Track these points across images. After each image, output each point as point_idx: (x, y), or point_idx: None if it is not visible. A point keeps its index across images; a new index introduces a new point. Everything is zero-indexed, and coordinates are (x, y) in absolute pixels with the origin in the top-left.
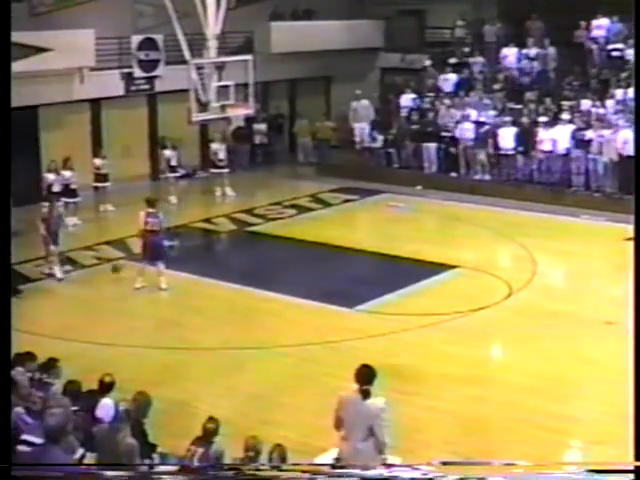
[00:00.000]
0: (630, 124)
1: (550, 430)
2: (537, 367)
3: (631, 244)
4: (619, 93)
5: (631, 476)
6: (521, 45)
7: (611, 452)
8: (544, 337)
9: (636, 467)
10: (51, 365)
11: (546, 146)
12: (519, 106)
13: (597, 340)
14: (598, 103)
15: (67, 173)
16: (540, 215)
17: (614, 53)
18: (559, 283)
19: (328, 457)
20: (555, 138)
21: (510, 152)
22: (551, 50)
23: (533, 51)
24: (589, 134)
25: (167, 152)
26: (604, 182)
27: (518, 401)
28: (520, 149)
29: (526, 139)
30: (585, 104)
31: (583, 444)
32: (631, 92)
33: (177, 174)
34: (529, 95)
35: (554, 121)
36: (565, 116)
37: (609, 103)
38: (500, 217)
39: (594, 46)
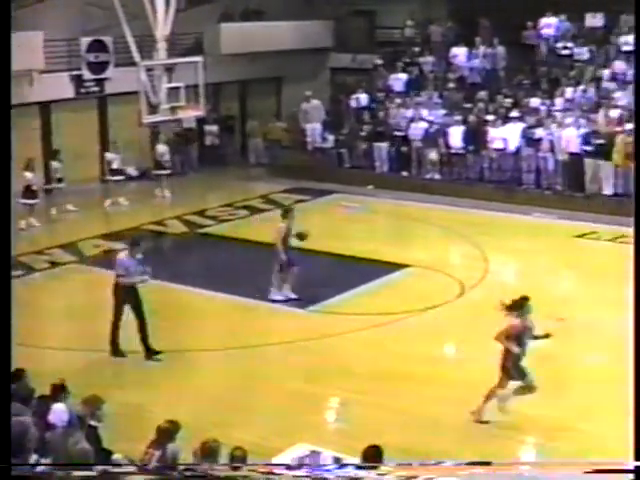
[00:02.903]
0: (577, 121)
1: (505, 427)
2: (491, 364)
3: (581, 240)
4: (568, 91)
5: (631, 476)
6: (471, 44)
7: (565, 447)
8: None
9: (636, 467)
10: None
11: (497, 145)
12: (469, 105)
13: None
14: (548, 101)
15: (29, 174)
16: (491, 213)
17: (563, 52)
18: (511, 281)
19: (285, 458)
20: (505, 137)
21: (461, 151)
22: (500, 49)
23: (482, 50)
24: (539, 132)
25: (109, 155)
26: (555, 180)
27: (472, 399)
28: (471, 148)
29: (477, 138)
30: (535, 102)
31: (537, 440)
32: (580, 90)
33: (118, 177)
34: (479, 94)
35: (504, 120)
36: (515, 114)
37: (558, 101)
38: (452, 216)
39: (543, 45)
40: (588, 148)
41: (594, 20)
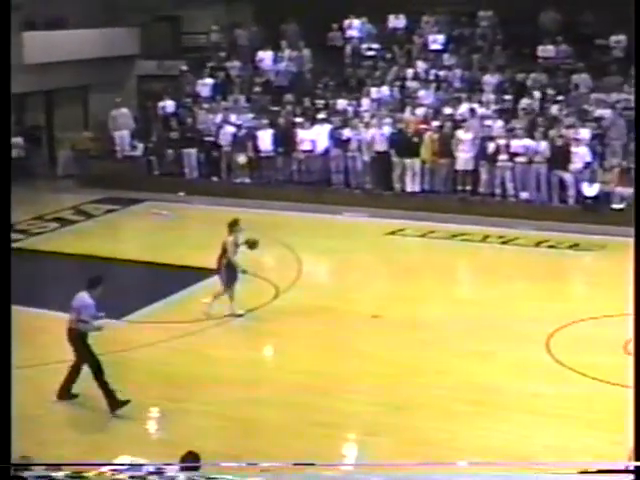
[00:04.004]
0: (384, 121)
1: (326, 425)
2: (309, 364)
3: (391, 237)
4: (374, 91)
5: (631, 476)
6: (277, 48)
7: (385, 443)
8: (314, 334)
9: (636, 467)
10: None
11: (305, 146)
12: (277, 108)
13: (365, 333)
14: (354, 102)
15: None
16: (303, 215)
17: (367, 52)
18: (325, 280)
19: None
20: (314, 138)
21: (270, 154)
22: (306, 52)
23: (288, 53)
24: (347, 133)
25: None
26: (363, 179)
27: (293, 399)
28: (280, 150)
29: (285, 140)
30: (341, 103)
31: (357, 436)
32: (385, 89)
33: None
34: (286, 97)
35: (312, 122)
36: (322, 116)
37: (365, 102)
38: (263, 219)
39: (348, 46)
40: (395, 147)
41: (397, 21)
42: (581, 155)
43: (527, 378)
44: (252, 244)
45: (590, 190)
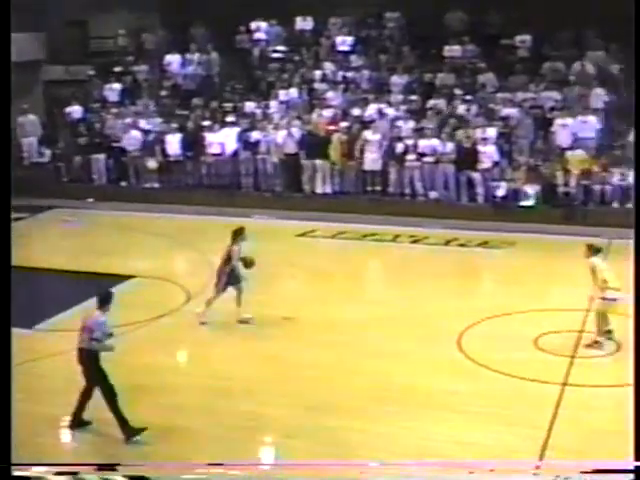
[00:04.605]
0: (292, 123)
1: (243, 429)
2: (223, 368)
3: (302, 239)
4: (282, 94)
5: (631, 476)
6: (184, 51)
7: (302, 445)
8: (227, 339)
9: (636, 467)
10: None
11: (214, 150)
12: (185, 112)
13: (278, 336)
14: (262, 104)
15: None
16: (213, 218)
17: (274, 55)
18: None
19: None
20: (222, 141)
21: (179, 158)
22: (214, 55)
23: (197, 57)
24: (255, 135)
25: None
26: (273, 181)
27: (210, 404)
28: (189, 154)
29: (194, 144)
30: (250, 106)
31: (274, 439)
32: (293, 92)
33: None
34: (195, 100)
35: (221, 125)
36: (231, 119)
37: (273, 104)
38: (173, 223)
39: (255, 49)
40: (304, 148)
41: (304, 23)
42: (489, 154)
43: (440, 376)
44: (248, 263)
45: (498, 188)
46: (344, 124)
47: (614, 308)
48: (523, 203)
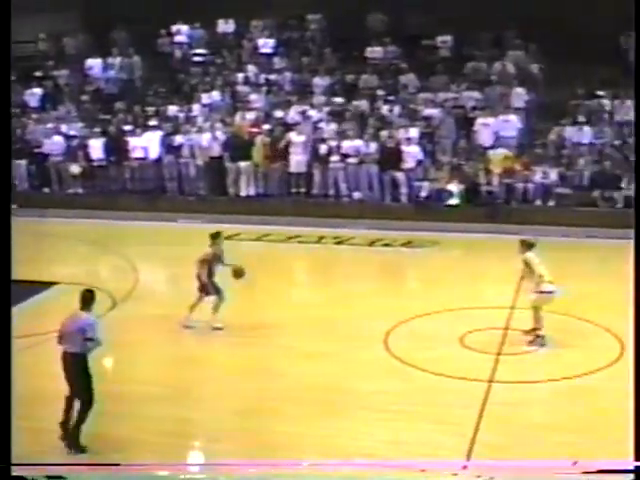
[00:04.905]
0: (215, 126)
1: (171, 435)
2: (151, 374)
3: (229, 242)
4: (205, 97)
5: (631, 476)
6: (106, 55)
7: (228, 448)
8: (152, 344)
9: (636, 467)
10: None
11: (138, 154)
12: (108, 116)
13: (205, 340)
14: (185, 108)
15: None
16: (137, 223)
17: (197, 58)
18: (162, 289)
19: None
20: (146, 145)
21: (102, 163)
22: (136, 59)
23: (118, 61)
24: (179, 139)
25: None
26: (197, 185)
27: (137, 411)
28: (112, 159)
29: (117, 149)
30: (172, 110)
31: (202, 444)
32: (216, 95)
33: None
34: (117, 105)
35: (144, 129)
36: (154, 123)
37: (196, 107)
38: (97, 229)
39: (177, 52)
40: (228, 151)
41: (226, 26)
42: (412, 154)
43: (367, 376)
44: (238, 273)
45: (422, 188)
46: (266, 126)
47: (550, 301)
48: (447, 202)
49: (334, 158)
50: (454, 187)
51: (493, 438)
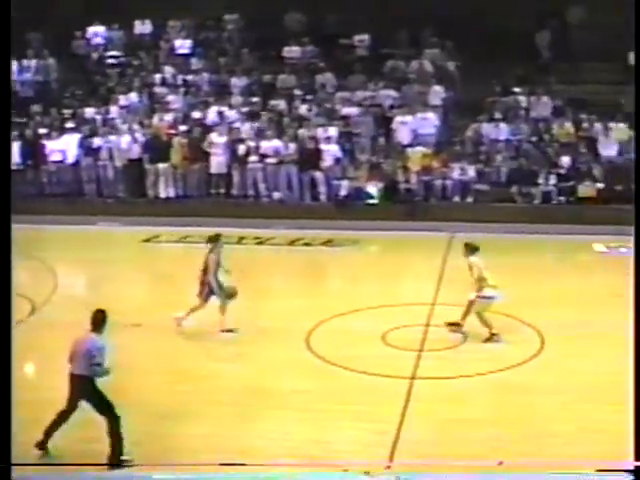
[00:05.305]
0: (134, 127)
1: (91, 441)
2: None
3: (148, 245)
4: (122, 99)
5: (631, 476)
6: (21, 57)
7: (149, 453)
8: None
9: (636, 467)
10: None
11: (55, 157)
12: (24, 119)
13: (127, 343)
14: (102, 110)
15: None
16: (56, 227)
17: (114, 60)
18: (82, 292)
19: None
20: (63, 148)
21: (19, 167)
22: (51, 61)
23: (34, 63)
24: (96, 141)
25: None
26: (116, 187)
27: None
28: (29, 163)
29: (34, 152)
30: (89, 112)
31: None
32: (133, 96)
33: None
34: (34, 108)
35: (60, 132)
36: (71, 125)
37: (114, 109)
38: (15, 234)
39: (94, 54)
40: (147, 153)
41: (142, 27)
42: (331, 153)
43: (290, 376)
44: (231, 294)
45: (341, 187)
46: (183, 127)
47: (490, 306)
48: (366, 201)
49: (253, 158)
50: (373, 186)
51: (417, 435)
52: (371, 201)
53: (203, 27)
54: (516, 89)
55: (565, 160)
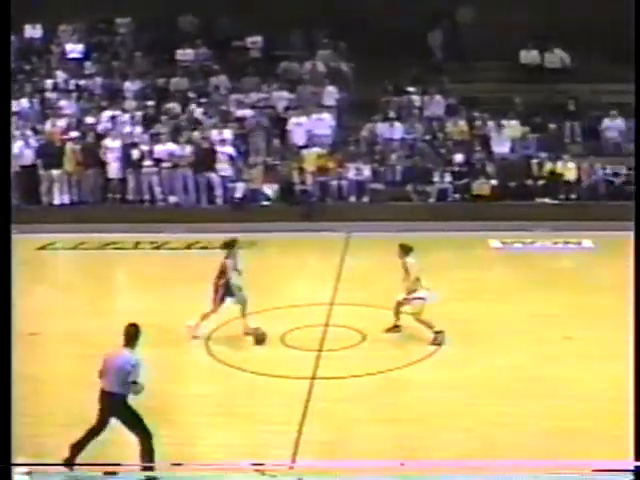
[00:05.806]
0: (26, 134)
1: None
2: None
3: (43, 252)
4: (14, 105)
5: (631, 476)
6: None
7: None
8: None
9: (636, 467)
10: None
11: None
12: None
13: (25, 353)
14: None
15: None
16: None
17: None
18: None
19: None
20: None
21: None
22: None
23: None
24: None
25: None
26: (12, 194)
27: None
28: None
29: None
30: None
31: (28, 460)
32: (25, 102)
33: None
34: None
35: None
36: None
37: None
38: None
39: None
40: (41, 159)
41: (33, 31)
42: (226, 155)
43: (191, 380)
44: (260, 339)
45: (236, 189)
46: (75, 133)
47: (423, 307)
48: (261, 202)
49: (147, 162)
50: (269, 187)
51: (319, 435)
52: (267, 202)
53: (95, 30)
54: (410, 89)
55: (459, 158)
